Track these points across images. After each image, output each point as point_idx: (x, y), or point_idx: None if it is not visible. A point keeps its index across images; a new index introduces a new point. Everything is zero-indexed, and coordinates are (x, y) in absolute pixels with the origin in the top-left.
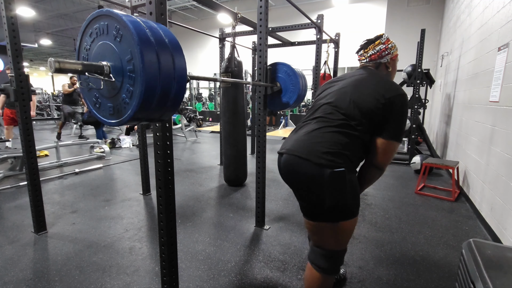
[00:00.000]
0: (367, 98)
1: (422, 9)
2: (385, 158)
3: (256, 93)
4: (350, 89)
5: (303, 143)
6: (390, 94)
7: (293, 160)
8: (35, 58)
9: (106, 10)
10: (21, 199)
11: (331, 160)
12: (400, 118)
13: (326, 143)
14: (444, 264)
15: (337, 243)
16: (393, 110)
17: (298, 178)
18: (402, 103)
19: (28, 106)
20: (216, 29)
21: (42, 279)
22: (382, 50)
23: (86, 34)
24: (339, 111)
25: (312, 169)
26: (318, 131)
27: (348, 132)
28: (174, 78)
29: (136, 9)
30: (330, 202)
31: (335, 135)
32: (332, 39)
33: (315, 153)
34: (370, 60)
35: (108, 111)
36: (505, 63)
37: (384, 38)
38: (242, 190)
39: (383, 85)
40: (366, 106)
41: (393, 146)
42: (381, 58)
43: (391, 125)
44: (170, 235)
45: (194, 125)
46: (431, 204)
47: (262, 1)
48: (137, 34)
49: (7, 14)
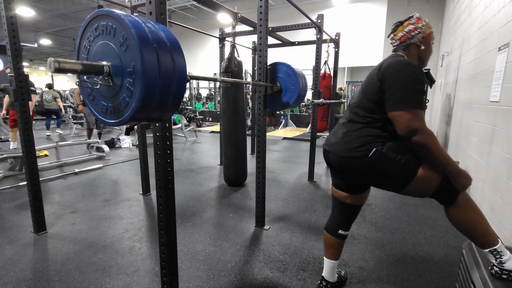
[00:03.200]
0: (369, 80)
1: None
2: (403, 131)
3: (256, 93)
4: (364, 81)
5: (342, 144)
6: (386, 66)
7: (339, 159)
8: (34, 58)
9: (105, 10)
10: (21, 199)
11: (364, 150)
12: (396, 84)
13: (356, 140)
14: (445, 264)
15: (434, 183)
16: (387, 79)
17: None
18: (398, 68)
19: (27, 106)
20: (216, 29)
21: (42, 279)
22: (411, 30)
23: (86, 34)
24: (359, 106)
25: (357, 163)
26: (348, 133)
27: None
28: (174, 78)
29: (136, 9)
30: (394, 174)
31: (361, 131)
32: (332, 39)
33: (351, 150)
34: (400, 42)
35: (108, 111)
36: (506, 63)
37: (414, 18)
38: (242, 190)
39: (387, 63)
40: (368, 88)
41: (402, 117)
42: (411, 39)
43: (388, 94)
44: (170, 235)
45: (194, 125)
46: (432, 204)
47: (262, 1)
48: (137, 34)
49: (6, 14)
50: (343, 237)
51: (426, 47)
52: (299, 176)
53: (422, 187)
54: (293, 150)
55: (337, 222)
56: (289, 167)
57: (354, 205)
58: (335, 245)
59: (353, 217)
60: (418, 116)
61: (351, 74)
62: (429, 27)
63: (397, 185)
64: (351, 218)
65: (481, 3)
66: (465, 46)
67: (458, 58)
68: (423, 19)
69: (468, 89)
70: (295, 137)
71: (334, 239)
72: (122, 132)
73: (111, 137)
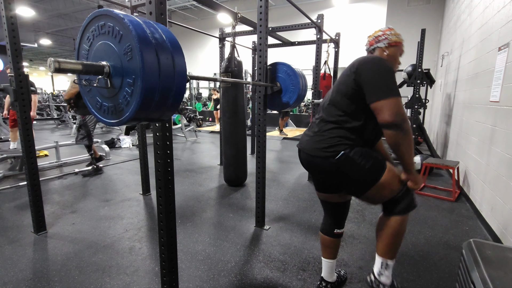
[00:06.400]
0: (343, 78)
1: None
2: (392, 117)
3: (256, 93)
4: (337, 80)
5: (312, 143)
6: (360, 61)
7: (309, 158)
8: (34, 58)
9: (105, 10)
10: (21, 199)
11: (332, 151)
12: (376, 75)
13: (326, 140)
14: (445, 264)
15: (392, 192)
16: (365, 71)
17: (318, 171)
18: (375, 62)
19: (27, 106)
20: (216, 29)
21: (42, 279)
22: (379, 35)
23: (86, 34)
24: (331, 104)
25: (324, 163)
26: (319, 132)
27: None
28: (174, 78)
29: (136, 8)
30: (357, 178)
31: (331, 131)
32: (332, 39)
33: (320, 150)
34: (369, 46)
35: (108, 111)
36: (506, 63)
37: (386, 27)
38: (242, 190)
39: (361, 58)
40: (342, 84)
41: (389, 104)
42: (377, 43)
43: (369, 86)
44: (170, 235)
45: (194, 125)
46: (432, 204)
47: (262, 1)
48: (137, 34)
49: (6, 14)
50: (339, 235)
51: (391, 54)
52: (299, 176)
53: (381, 193)
54: (293, 150)
55: (331, 221)
56: (289, 167)
57: (339, 202)
58: (332, 244)
59: (345, 213)
60: (396, 102)
61: None
62: (397, 36)
63: (359, 190)
64: (343, 215)
65: (481, 3)
66: (465, 46)
67: (458, 58)
68: (395, 31)
69: (468, 89)
70: (295, 137)
71: (331, 239)
72: (122, 132)
73: (111, 137)
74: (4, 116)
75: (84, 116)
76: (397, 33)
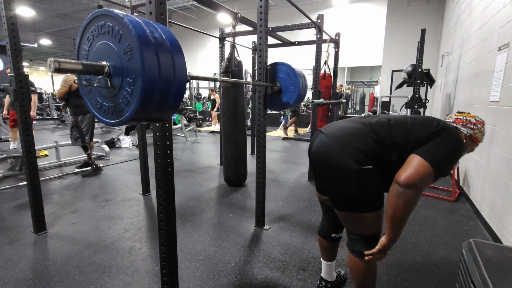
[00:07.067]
0: (421, 126)
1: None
2: (410, 177)
3: (256, 93)
4: (409, 120)
5: (347, 135)
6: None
7: (328, 145)
8: (34, 58)
9: (105, 10)
10: (21, 199)
11: (360, 158)
12: (442, 145)
13: (362, 143)
14: (444, 264)
15: (368, 229)
16: (437, 137)
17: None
18: (452, 137)
19: (27, 106)
20: (216, 29)
21: (42, 279)
22: (470, 121)
23: (86, 34)
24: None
25: (342, 160)
26: (361, 131)
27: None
28: (174, 78)
29: (136, 8)
30: (356, 194)
31: (372, 142)
32: (332, 39)
33: (353, 148)
34: (454, 121)
35: (108, 111)
36: (506, 63)
37: (481, 119)
38: (242, 190)
39: (448, 127)
40: (415, 128)
41: (422, 166)
42: (463, 126)
43: (430, 145)
44: (170, 235)
45: (194, 125)
46: (432, 204)
47: (262, 1)
48: (137, 34)
49: (6, 14)
50: (337, 239)
51: (467, 145)
52: (299, 176)
53: (358, 223)
54: (293, 150)
55: (329, 225)
56: (289, 167)
57: None
58: (330, 247)
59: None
60: (431, 177)
61: (351, 74)
62: (482, 136)
63: (347, 204)
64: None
65: (481, 3)
66: (465, 46)
67: (458, 58)
68: (485, 128)
69: (468, 89)
70: (295, 137)
71: (328, 242)
72: (122, 132)
73: (111, 137)
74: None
75: (76, 117)
76: (484, 132)
